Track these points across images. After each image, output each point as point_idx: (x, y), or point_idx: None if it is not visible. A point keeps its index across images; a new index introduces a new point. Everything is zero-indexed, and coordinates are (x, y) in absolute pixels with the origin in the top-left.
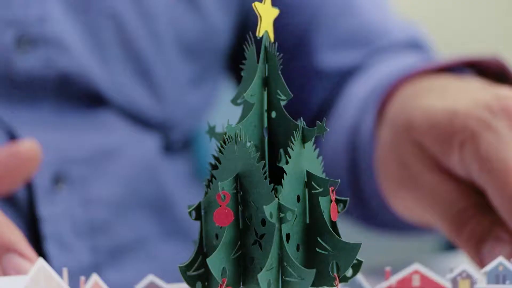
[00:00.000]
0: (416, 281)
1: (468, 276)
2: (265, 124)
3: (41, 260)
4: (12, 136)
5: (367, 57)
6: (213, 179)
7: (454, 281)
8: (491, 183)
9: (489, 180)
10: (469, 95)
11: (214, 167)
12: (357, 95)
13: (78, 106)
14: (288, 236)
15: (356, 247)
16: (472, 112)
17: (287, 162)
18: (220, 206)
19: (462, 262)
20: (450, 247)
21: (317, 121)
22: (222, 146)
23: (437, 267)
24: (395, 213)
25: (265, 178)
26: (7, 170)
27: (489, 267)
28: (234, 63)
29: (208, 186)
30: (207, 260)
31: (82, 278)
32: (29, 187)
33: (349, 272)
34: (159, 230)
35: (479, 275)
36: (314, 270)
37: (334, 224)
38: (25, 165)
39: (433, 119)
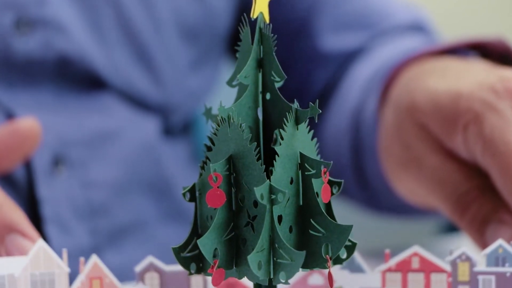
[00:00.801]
0: (415, 263)
1: (468, 259)
2: (260, 106)
3: (41, 241)
4: (11, 119)
5: (370, 40)
6: (208, 160)
7: (454, 264)
8: (494, 165)
9: (493, 162)
10: (473, 76)
11: (209, 148)
12: (360, 77)
13: (78, 89)
14: (280, 217)
15: (347, 228)
16: (476, 94)
17: (279, 144)
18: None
19: (461, 245)
20: (449, 229)
21: (310, 102)
22: (216, 128)
23: (436, 249)
24: (398, 196)
25: (257, 160)
26: (7, 148)
27: (488, 249)
28: (234, 46)
29: (202, 168)
30: (198, 241)
31: (82, 259)
32: (29, 169)
33: (343, 254)
34: (159, 213)
35: (478, 257)
36: (304, 252)
37: (328, 206)
38: (25, 143)
39: (437, 100)
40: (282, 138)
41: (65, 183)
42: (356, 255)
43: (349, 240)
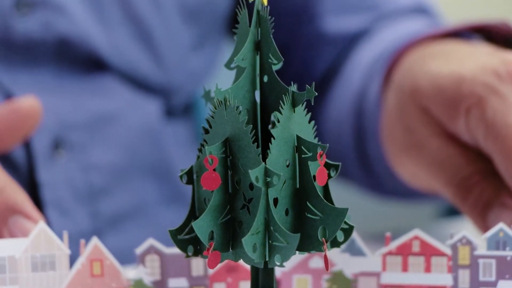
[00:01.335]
0: (416, 246)
1: (468, 242)
2: (258, 89)
3: (41, 223)
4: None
5: (373, 22)
6: (205, 143)
7: (454, 247)
8: (497, 149)
9: (495, 146)
10: (476, 60)
11: (206, 131)
12: (364, 60)
13: (78, 71)
14: (276, 200)
15: (343, 211)
16: (479, 77)
17: (275, 127)
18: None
19: (462, 228)
20: (450, 213)
21: (307, 85)
22: (213, 111)
23: (437, 233)
24: (400, 179)
25: (253, 142)
26: (7, 127)
27: (489, 233)
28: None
29: (200, 151)
30: (193, 224)
31: (82, 241)
32: (29, 153)
33: (341, 237)
34: (160, 196)
35: (479, 241)
36: (298, 235)
37: (326, 189)
38: (25, 122)
39: (440, 84)
40: (278, 121)
41: (65, 166)
42: (357, 238)
43: (347, 223)
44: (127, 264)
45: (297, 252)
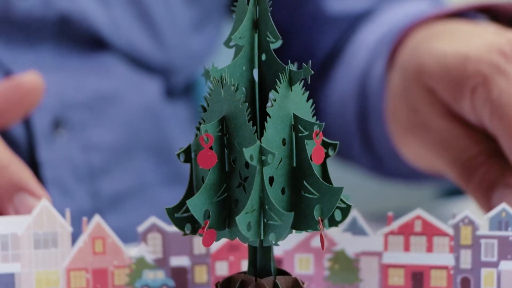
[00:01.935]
0: (418, 226)
1: (470, 222)
2: (256, 67)
3: (44, 201)
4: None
5: (377, 3)
6: (203, 121)
7: (456, 227)
8: (502, 129)
9: (501, 126)
10: (481, 39)
11: (204, 109)
12: (368, 41)
13: (79, 50)
14: (272, 179)
15: (338, 190)
16: (484, 57)
17: (272, 105)
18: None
19: (464, 208)
20: (452, 193)
21: (303, 63)
22: (210, 89)
23: (439, 213)
24: (404, 160)
25: (249, 121)
26: (9, 102)
27: (491, 213)
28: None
29: (198, 129)
30: (187, 202)
31: (85, 218)
32: (29, 132)
33: (338, 216)
34: (161, 175)
35: (481, 221)
36: (292, 213)
37: (324, 168)
38: (26, 98)
39: (445, 64)
40: (274, 99)
41: (65, 145)
42: (359, 217)
43: (345, 203)
44: (128, 243)
45: (293, 231)
